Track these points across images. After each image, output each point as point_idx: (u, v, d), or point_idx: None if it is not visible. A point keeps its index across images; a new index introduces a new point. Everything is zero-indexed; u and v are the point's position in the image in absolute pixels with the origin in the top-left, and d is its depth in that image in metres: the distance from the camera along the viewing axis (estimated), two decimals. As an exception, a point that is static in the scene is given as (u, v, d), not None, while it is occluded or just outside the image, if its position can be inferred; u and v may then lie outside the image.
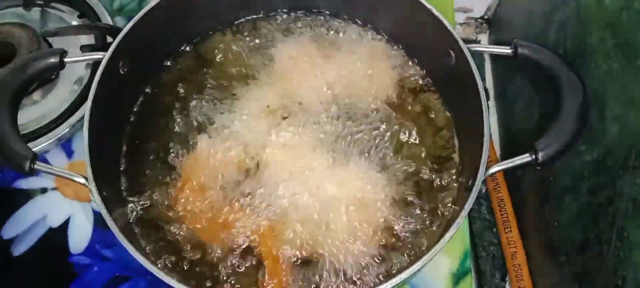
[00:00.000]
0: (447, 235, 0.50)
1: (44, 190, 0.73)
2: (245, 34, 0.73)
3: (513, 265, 0.73)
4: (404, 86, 0.69)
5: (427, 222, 0.61)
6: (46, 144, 0.74)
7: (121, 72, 0.62)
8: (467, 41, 0.91)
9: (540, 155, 0.52)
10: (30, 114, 0.76)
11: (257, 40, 0.72)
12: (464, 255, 0.69)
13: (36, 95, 0.78)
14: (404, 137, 0.65)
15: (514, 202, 0.77)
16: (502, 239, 0.76)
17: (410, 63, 0.70)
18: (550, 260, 0.68)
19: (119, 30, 0.62)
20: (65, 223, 0.71)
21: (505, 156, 0.84)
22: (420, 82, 0.69)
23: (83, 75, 0.80)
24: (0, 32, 0.79)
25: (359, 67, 0.70)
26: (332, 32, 0.73)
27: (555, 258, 0.67)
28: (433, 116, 0.67)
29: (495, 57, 0.90)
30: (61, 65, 0.58)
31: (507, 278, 0.75)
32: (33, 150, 0.71)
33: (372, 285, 0.57)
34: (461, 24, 0.94)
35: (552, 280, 0.68)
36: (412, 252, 0.59)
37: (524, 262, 0.73)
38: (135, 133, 0.66)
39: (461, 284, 0.68)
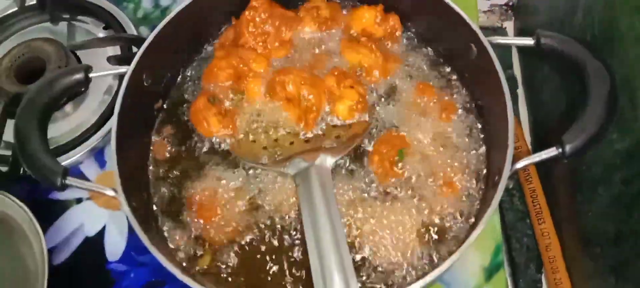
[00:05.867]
0: (475, 233, 0.50)
1: (79, 200, 0.75)
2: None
3: (548, 257, 0.72)
4: (426, 80, 0.68)
5: (456, 220, 0.60)
6: (79, 155, 0.76)
7: (145, 84, 0.63)
8: (491, 29, 0.91)
9: (567, 147, 0.51)
10: (63, 127, 0.78)
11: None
12: (495, 250, 0.68)
13: (68, 108, 0.80)
14: (428, 133, 0.65)
15: (546, 193, 0.76)
16: (536, 231, 0.75)
17: (432, 57, 0.70)
18: (586, 252, 0.67)
19: (143, 40, 0.63)
20: (101, 232, 0.73)
21: (535, 143, 0.83)
22: (444, 76, 0.68)
23: (112, 85, 0.81)
24: (30, 47, 0.81)
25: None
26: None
27: (590, 250, 0.66)
28: (459, 110, 0.66)
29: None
30: (87, 80, 0.59)
31: (542, 270, 0.74)
32: (67, 161, 0.75)
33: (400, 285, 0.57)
34: (485, 12, 0.93)
35: (588, 272, 0.67)
36: (442, 251, 0.59)
37: (559, 254, 0.72)
38: (162, 141, 0.67)
39: (494, 278, 0.67)
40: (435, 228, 0.59)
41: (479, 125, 0.64)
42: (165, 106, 0.69)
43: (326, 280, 0.51)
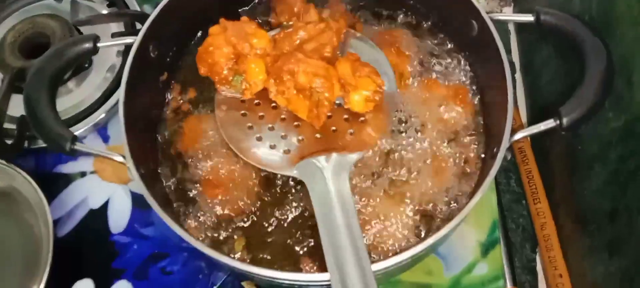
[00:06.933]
0: (472, 202, 0.51)
1: (83, 174, 0.76)
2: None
3: (542, 236, 0.74)
4: (427, 59, 0.69)
5: (455, 194, 0.62)
6: (83, 130, 0.77)
7: (152, 55, 0.63)
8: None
9: (564, 120, 0.52)
10: (67, 102, 0.79)
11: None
12: (492, 225, 0.70)
13: (71, 84, 0.81)
14: (429, 111, 0.66)
15: (542, 174, 0.77)
16: (531, 210, 0.76)
17: (433, 35, 0.71)
18: (581, 230, 0.68)
19: (147, 16, 0.64)
20: (105, 205, 0.74)
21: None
22: (445, 54, 0.69)
23: (115, 63, 0.82)
24: (34, 23, 0.82)
25: (383, 40, 0.69)
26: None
27: (585, 228, 0.67)
28: (459, 88, 0.67)
29: (520, 29, 0.90)
30: (94, 49, 0.60)
31: (537, 249, 0.76)
32: (72, 134, 0.76)
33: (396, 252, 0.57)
34: (485, -3, 0.94)
35: (582, 250, 0.68)
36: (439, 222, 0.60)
37: (553, 232, 0.73)
38: (169, 114, 0.68)
39: (490, 253, 0.69)
40: (434, 207, 0.60)
41: (478, 101, 0.66)
42: (171, 79, 0.69)
43: None
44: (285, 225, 0.61)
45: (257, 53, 0.61)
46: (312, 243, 0.59)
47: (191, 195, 0.62)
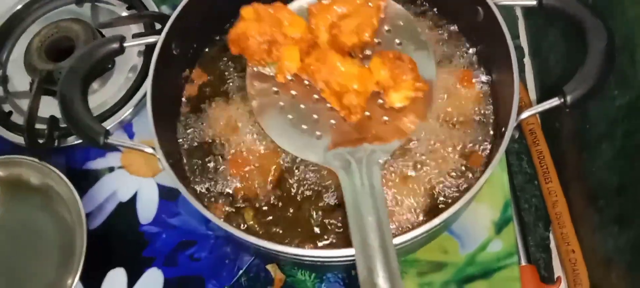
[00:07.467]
0: (483, 178, 0.53)
1: (111, 169, 0.79)
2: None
3: (555, 213, 0.76)
4: (435, 45, 0.70)
5: (467, 176, 0.63)
6: (110, 127, 0.80)
7: (174, 53, 0.66)
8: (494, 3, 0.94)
9: (568, 97, 0.54)
10: (92, 102, 0.79)
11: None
12: (505, 205, 0.72)
13: (96, 85, 0.84)
14: (439, 96, 0.67)
15: (553, 154, 0.79)
16: (543, 190, 0.78)
17: (440, 22, 0.72)
18: (591, 206, 0.71)
19: (167, 17, 0.66)
20: (134, 198, 0.77)
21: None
22: (452, 40, 0.71)
23: (136, 63, 0.86)
24: (58, 27, 0.86)
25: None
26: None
27: (595, 204, 0.70)
28: (466, 73, 0.68)
29: (527, 15, 0.92)
30: (121, 49, 0.63)
31: (550, 227, 0.78)
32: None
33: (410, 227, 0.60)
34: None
35: (593, 225, 0.70)
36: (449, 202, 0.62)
37: (565, 210, 0.75)
38: (191, 106, 0.70)
39: (504, 231, 0.71)
40: (446, 189, 0.62)
41: (487, 86, 0.67)
42: (194, 72, 0.72)
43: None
44: (306, 205, 0.63)
45: (292, 39, 0.59)
46: (329, 220, 0.61)
47: (215, 181, 0.65)
